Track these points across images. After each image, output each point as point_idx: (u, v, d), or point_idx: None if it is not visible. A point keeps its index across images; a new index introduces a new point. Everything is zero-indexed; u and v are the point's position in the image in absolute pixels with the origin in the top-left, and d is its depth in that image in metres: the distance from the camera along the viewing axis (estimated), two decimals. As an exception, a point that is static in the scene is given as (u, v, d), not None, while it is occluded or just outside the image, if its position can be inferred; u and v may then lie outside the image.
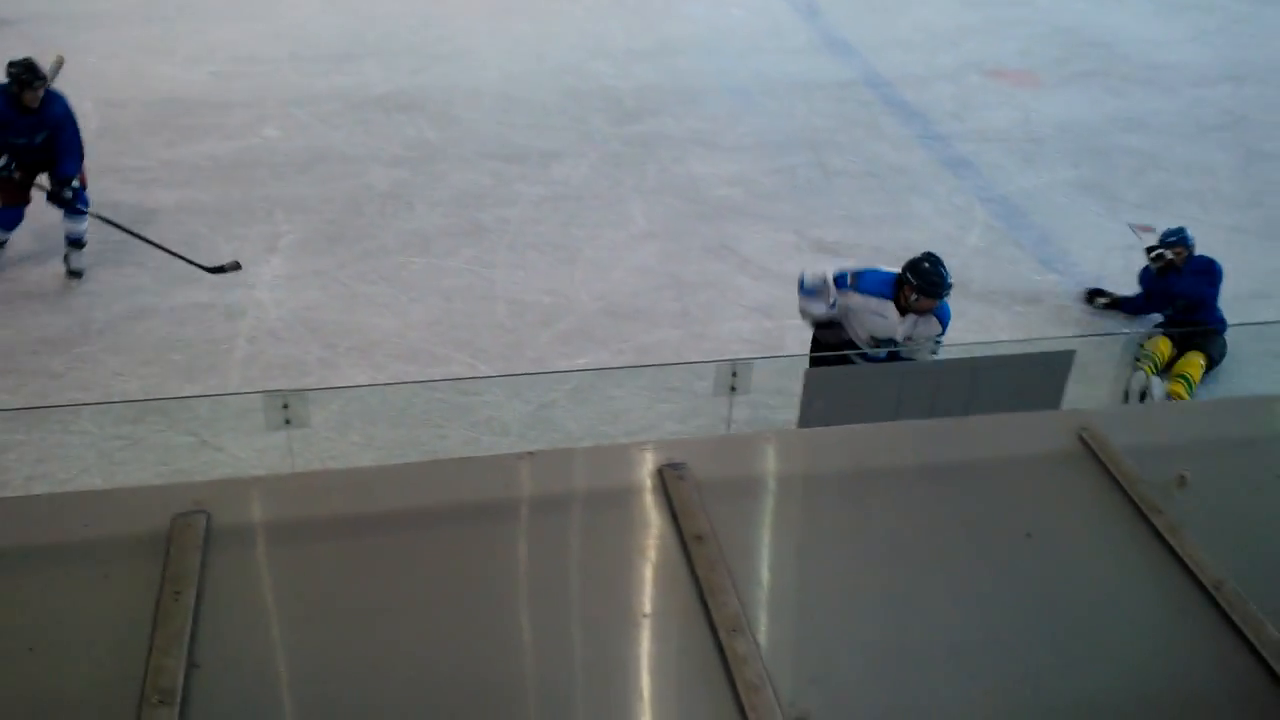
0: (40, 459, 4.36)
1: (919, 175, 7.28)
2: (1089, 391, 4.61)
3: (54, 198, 5.52)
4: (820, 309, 4.44)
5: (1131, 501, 2.11)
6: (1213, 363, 5.29)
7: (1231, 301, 5.50)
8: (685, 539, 1.95)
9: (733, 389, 3.50)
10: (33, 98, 5.39)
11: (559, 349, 5.23)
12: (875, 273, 4.44)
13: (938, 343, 4.38)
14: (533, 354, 5.27)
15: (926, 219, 6.72)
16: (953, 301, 4.44)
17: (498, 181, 6.99)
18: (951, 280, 4.31)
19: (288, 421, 3.18)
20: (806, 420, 3.70)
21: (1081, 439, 2.27)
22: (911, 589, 1.94)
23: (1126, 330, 5.63)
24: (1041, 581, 1.96)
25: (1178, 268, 5.39)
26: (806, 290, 4.44)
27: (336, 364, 5.21)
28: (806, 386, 3.63)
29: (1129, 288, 5.85)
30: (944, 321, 4.37)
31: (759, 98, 8.42)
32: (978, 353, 4.56)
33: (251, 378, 5.04)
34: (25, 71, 5.36)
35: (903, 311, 4.33)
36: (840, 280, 4.40)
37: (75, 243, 5.69)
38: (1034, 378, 3.78)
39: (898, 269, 4.37)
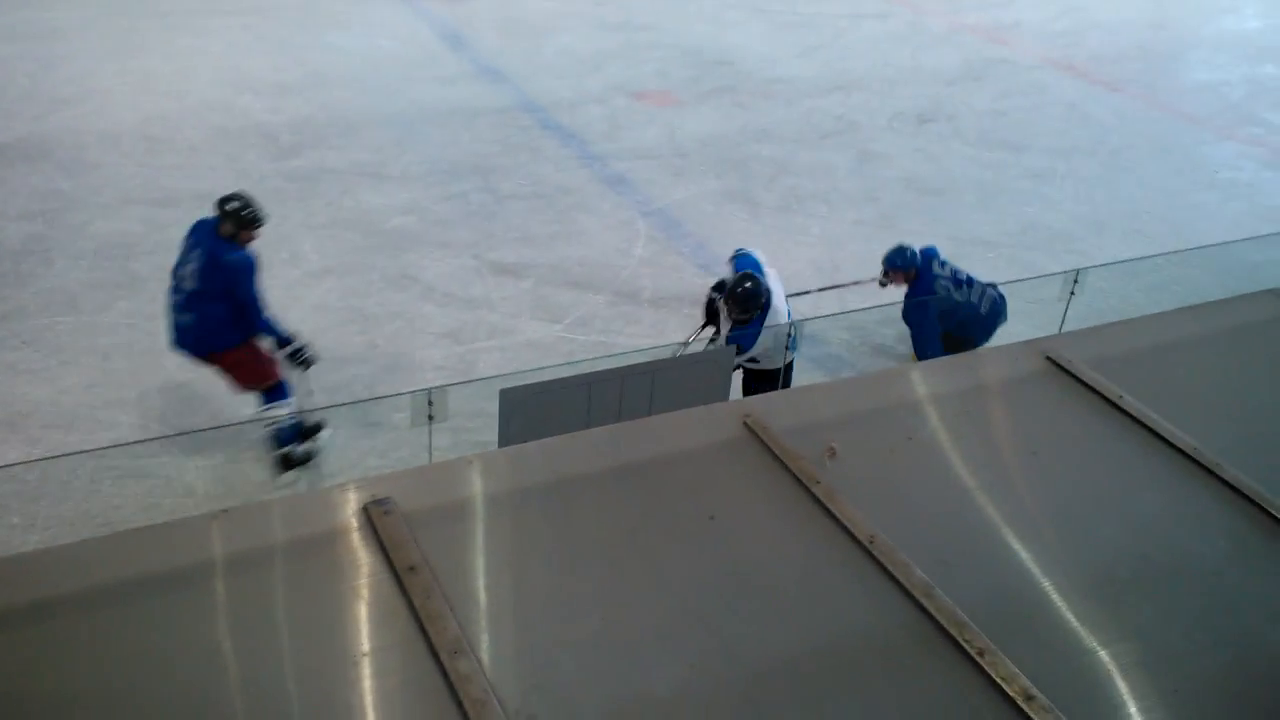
0: None
1: (583, 194, 7.61)
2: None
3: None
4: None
5: (793, 475, 2.40)
6: None
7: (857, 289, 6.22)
8: (398, 572, 1.99)
9: (430, 418, 3.52)
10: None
11: (240, 399, 5.01)
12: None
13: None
14: (212, 407, 5.00)
15: (595, 234, 7.06)
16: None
17: (150, 228, 6.54)
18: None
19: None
20: (506, 439, 3.80)
21: (746, 425, 2.54)
22: (617, 583, 2.09)
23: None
24: (728, 558, 2.19)
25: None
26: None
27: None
28: (502, 407, 3.72)
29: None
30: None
31: (421, 126, 8.45)
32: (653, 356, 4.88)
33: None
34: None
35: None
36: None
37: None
38: (702, 375, 4.12)
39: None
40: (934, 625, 2.04)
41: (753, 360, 4.82)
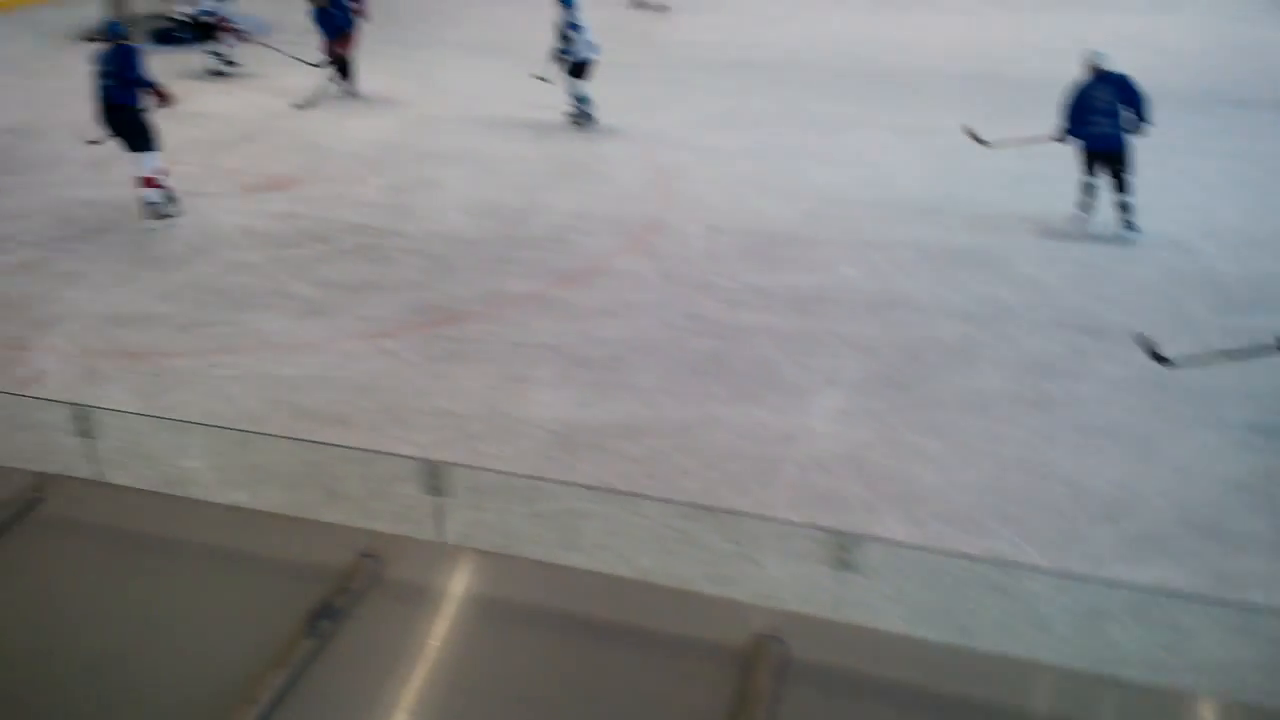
0: (609, 531, 4.86)
1: None
2: None
3: None
4: None
5: None
6: None
7: None
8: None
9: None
10: None
11: (1122, 552, 4.73)
12: None
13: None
14: (1089, 551, 4.82)
15: None
16: None
17: (1071, 353, 6.62)
18: None
19: (843, 564, 3.18)
20: None
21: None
22: None
23: None
24: None
25: None
26: None
27: (876, 508, 5.21)
28: None
29: None
30: None
31: None
32: None
33: (795, 502, 5.21)
34: None
35: None
36: None
37: None
38: None
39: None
40: None
41: None
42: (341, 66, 11.92)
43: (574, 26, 10.83)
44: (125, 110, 8.22)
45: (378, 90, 12.14)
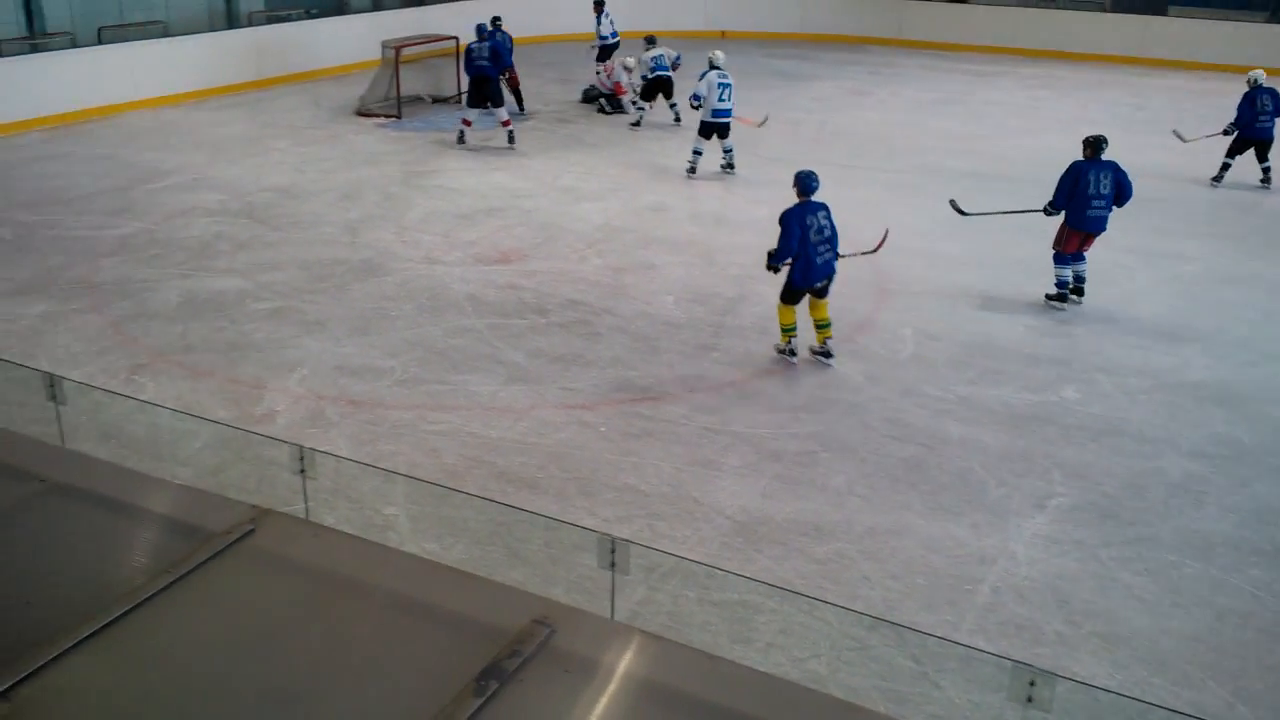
0: (782, 630, 4.75)
1: None
2: None
3: None
4: None
5: None
6: None
7: None
8: None
9: None
10: None
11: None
12: None
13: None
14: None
15: None
16: None
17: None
18: None
19: (1029, 699, 2.98)
20: None
21: None
22: None
23: None
24: None
25: None
26: None
27: (1074, 645, 4.85)
28: None
29: None
30: None
31: None
32: None
33: (985, 628, 4.93)
34: None
35: None
36: None
37: None
38: None
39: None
40: None
41: None
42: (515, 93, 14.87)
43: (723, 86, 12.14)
44: None
45: (614, 176, 12.67)
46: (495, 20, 14.14)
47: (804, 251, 7.36)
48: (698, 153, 12.47)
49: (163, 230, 10.32)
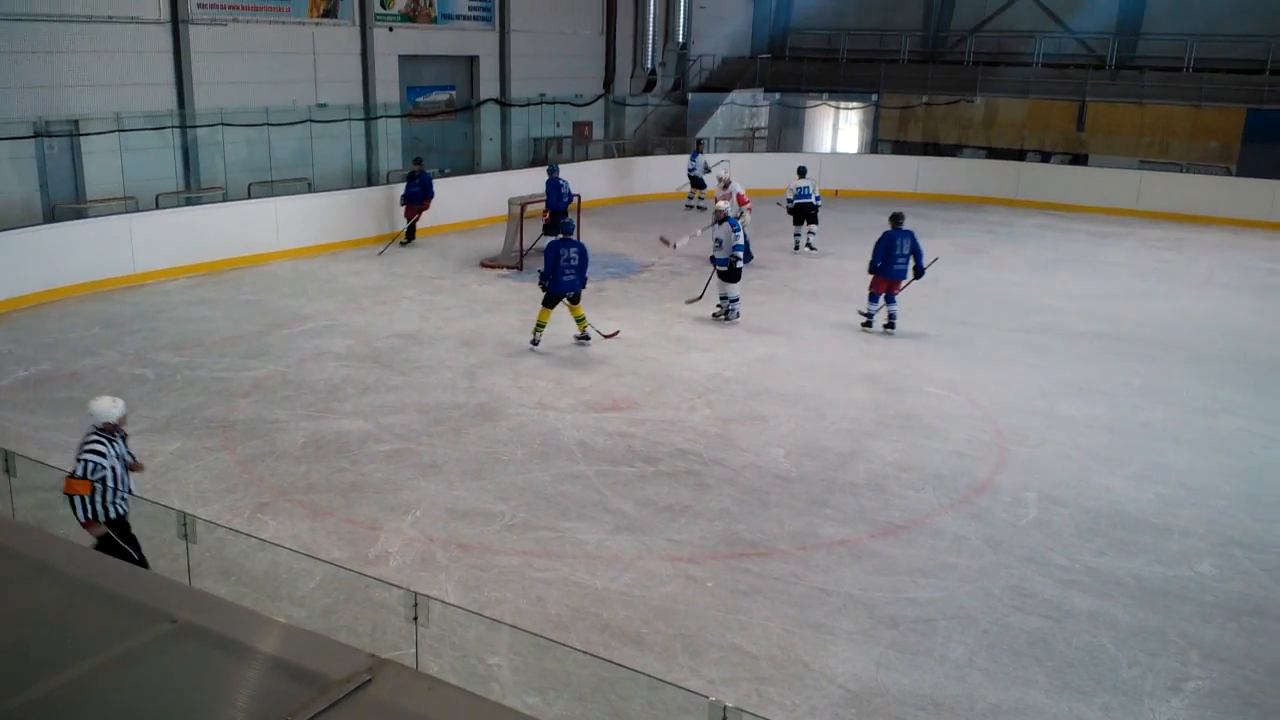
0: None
1: None
2: None
3: None
4: None
5: None
6: None
7: None
8: None
9: None
10: None
11: None
12: None
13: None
14: None
15: None
16: None
17: None
18: None
19: None
20: None
21: None
22: None
23: None
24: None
25: None
26: None
27: None
28: None
29: None
30: None
31: None
32: None
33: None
34: None
35: None
36: None
37: None
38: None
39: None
40: None
41: None
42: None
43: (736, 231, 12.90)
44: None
45: (723, 330, 12.82)
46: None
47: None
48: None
49: (295, 373, 10.80)
